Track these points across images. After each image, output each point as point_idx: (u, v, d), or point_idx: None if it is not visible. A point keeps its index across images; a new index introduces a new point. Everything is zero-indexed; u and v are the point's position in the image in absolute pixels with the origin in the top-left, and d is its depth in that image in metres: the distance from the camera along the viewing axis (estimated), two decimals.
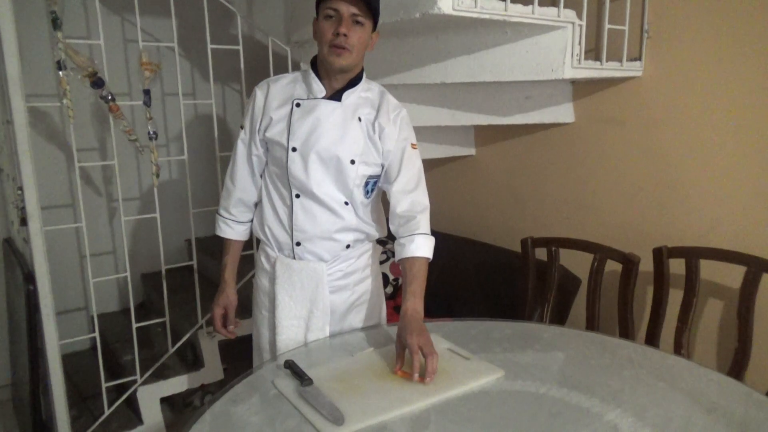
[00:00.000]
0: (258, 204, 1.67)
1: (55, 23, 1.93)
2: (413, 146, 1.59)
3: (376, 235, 1.66)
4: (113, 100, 2.10)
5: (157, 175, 2.25)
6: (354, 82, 1.54)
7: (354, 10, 1.41)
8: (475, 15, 1.70)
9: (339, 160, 1.51)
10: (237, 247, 1.73)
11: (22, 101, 1.87)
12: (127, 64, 3.05)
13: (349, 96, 1.53)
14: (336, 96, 1.53)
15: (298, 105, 1.53)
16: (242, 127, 1.62)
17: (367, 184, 1.58)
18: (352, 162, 1.51)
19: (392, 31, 2.05)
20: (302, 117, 1.51)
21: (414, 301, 1.45)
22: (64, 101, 1.99)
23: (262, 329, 1.70)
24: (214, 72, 2.39)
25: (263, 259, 1.68)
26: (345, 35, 1.42)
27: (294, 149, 1.51)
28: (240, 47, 2.38)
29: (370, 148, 1.54)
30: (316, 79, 1.53)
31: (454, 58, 2.11)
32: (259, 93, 1.59)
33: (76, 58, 1.99)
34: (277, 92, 1.57)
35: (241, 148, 1.62)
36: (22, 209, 1.97)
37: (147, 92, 2.18)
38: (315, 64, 1.55)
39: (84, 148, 2.94)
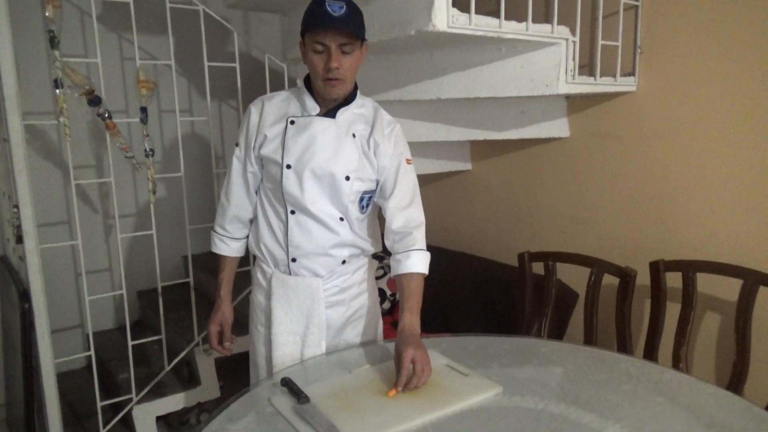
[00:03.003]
0: (253, 220, 1.67)
1: (53, 42, 1.94)
2: (408, 161, 1.60)
3: (371, 250, 1.66)
4: (110, 117, 2.10)
5: (154, 192, 2.25)
6: (348, 100, 1.54)
7: (341, 40, 1.41)
8: (469, 32, 1.72)
9: (333, 176, 1.51)
10: (232, 263, 1.73)
11: (19, 119, 1.87)
12: (124, 81, 3.07)
13: (343, 113, 1.54)
14: (330, 113, 1.53)
15: (292, 122, 1.53)
16: (237, 144, 1.63)
17: (362, 199, 1.58)
18: (347, 178, 1.52)
19: (388, 48, 2.07)
20: (296, 134, 1.52)
21: (411, 317, 1.45)
22: (61, 119, 2.00)
23: (259, 346, 1.69)
24: (210, 89, 2.40)
25: (259, 275, 1.68)
26: (337, 68, 1.42)
27: (288, 166, 1.51)
28: (237, 64, 2.40)
29: (364, 164, 1.54)
30: (310, 96, 1.54)
31: (449, 75, 2.13)
32: (254, 110, 1.59)
33: (73, 76, 2.00)
34: (272, 110, 1.57)
35: (236, 165, 1.62)
36: (18, 227, 1.96)
37: (144, 110, 2.19)
38: (309, 81, 1.55)
39: (80, 165, 2.94)
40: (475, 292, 2.54)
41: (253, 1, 2.46)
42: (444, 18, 1.66)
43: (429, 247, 1.56)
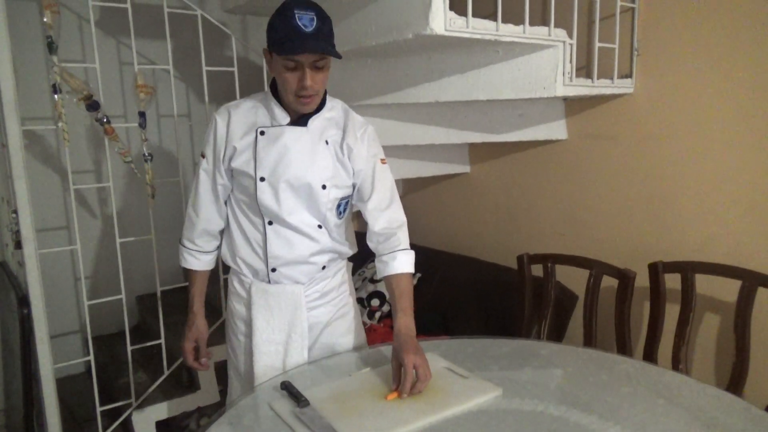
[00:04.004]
0: (224, 231, 1.63)
1: (51, 47, 1.94)
2: (382, 161, 1.57)
3: (349, 252, 1.65)
4: (108, 122, 2.10)
5: (153, 197, 2.25)
6: (319, 107, 1.48)
7: (314, 57, 1.34)
8: (467, 35, 1.72)
9: (310, 186, 1.47)
10: (203, 277, 1.68)
11: (18, 124, 1.87)
12: (122, 86, 3.07)
13: (314, 120, 1.48)
14: (301, 121, 1.48)
15: (262, 133, 1.47)
16: (203, 156, 1.55)
17: (339, 205, 1.56)
18: (324, 187, 1.48)
19: (386, 51, 2.07)
20: (268, 145, 1.46)
21: (405, 319, 1.44)
22: (60, 124, 2.00)
23: (240, 355, 1.66)
24: (209, 93, 2.40)
25: (237, 285, 1.64)
26: (311, 86, 1.37)
27: (262, 179, 1.47)
28: (235, 69, 2.40)
29: (339, 171, 1.51)
30: (279, 104, 1.47)
31: (447, 77, 2.14)
32: (220, 121, 1.50)
33: (71, 81, 2.00)
34: (239, 119, 1.50)
35: (203, 177, 1.55)
36: (17, 232, 1.96)
37: (142, 114, 2.19)
38: (274, 88, 1.48)
39: (79, 170, 2.94)
40: (474, 295, 2.53)
41: (250, 6, 2.47)
42: (441, 21, 1.66)
43: (428, 250, 1.57)
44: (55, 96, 1.97)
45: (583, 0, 1.99)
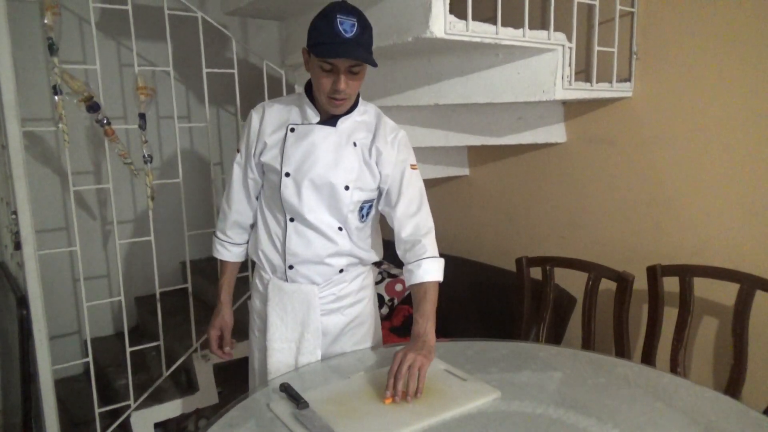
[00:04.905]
0: (254, 225, 1.67)
1: (52, 49, 1.95)
2: (413, 167, 1.57)
3: (370, 259, 1.65)
4: (108, 124, 2.11)
5: (152, 198, 2.25)
6: (350, 109, 1.52)
7: (351, 62, 1.37)
8: (466, 39, 1.73)
9: (333, 186, 1.49)
10: (233, 268, 1.73)
11: (18, 126, 1.88)
12: (122, 88, 3.07)
13: (344, 121, 1.51)
14: (331, 121, 1.51)
15: (292, 130, 1.51)
16: (238, 150, 1.62)
17: (362, 208, 1.56)
18: (347, 188, 1.50)
19: (386, 54, 2.08)
20: (296, 142, 1.50)
21: (424, 324, 1.44)
22: (60, 125, 2.00)
23: (255, 350, 1.69)
24: (209, 95, 2.41)
25: (257, 281, 1.68)
26: (344, 89, 1.39)
27: (287, 174, 1.50)
28: (235, 71, 2.41)
29: (365, 174, 1.52)
30: (311, 104, 1.51)
31: (446, 80, 2.14)
32: (255, 116, 1.57)
33: (71, 83, 2.01)
34: (273, 116, 1.55)
35: (237, 171, 1.62)
36: (17, 233, 1.96)
37: (142, 116, 2.19)
38: (309, 87, 1.52)
39: (79, 171, 2.94)
40: (473, 297, 2.54)
41: (251, 8, 2.47)
42: (441, 25, 1.66)
43: None
44: (56, 97, 1.98)
45: (583, 4, 2.00)
